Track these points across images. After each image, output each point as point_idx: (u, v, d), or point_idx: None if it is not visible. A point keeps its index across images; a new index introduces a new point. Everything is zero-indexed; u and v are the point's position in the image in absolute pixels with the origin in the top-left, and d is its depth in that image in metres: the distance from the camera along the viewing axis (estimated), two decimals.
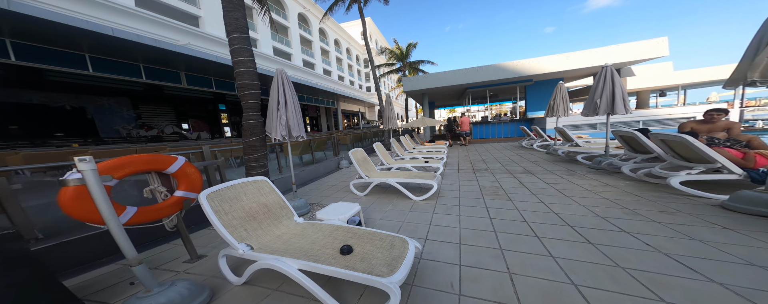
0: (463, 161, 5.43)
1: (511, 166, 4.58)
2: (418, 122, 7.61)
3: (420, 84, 9.83)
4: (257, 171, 2.11)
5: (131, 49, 6.91)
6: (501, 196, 2.89)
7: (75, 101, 11.59)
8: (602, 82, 3.23)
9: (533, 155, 5.62)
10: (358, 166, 3.18)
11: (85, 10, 7.53)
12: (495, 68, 8.96)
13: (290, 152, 2.20)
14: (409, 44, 16.15)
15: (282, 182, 3.66)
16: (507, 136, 10.17)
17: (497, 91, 11.67)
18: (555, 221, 2.05)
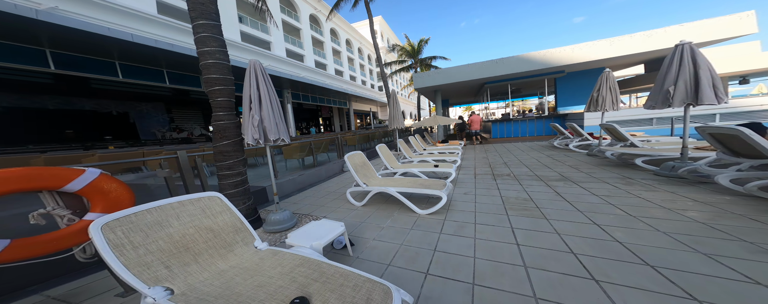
0: (480, 164, 4.78)
1: (542, 171, 3.86)
2: (430, 121, 7.05)
3: (432, 80, 9.20)
4: (231, 180, 1.84)
5: (155, 55, 7.38)
6: (531, 211, 2.29)
7: (120, 107, 13.01)
8: (677, 65, 2.44)
9: (569, 156, 4.76)
10: (354, 172, 2.80)
11: (111, 18, 8.15)
12: (518, 60, 8.00)
13: (269, 156, 1.91)
14: (420, 40, 15.45)
15: (278, 189, 3.42)
16: (533, 134, 9.08)
17: (520, 85, 10.54)
18: (621, 255, 1.45)
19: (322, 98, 19.76)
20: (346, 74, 26.21)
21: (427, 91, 10.70)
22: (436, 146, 6.87)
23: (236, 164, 1.86)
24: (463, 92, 12.34)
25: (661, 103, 2.59)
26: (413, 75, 9.52)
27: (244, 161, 1.95)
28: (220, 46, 1.73)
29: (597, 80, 4.27)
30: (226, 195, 1.87)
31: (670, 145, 3.75)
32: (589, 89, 8.77)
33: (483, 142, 8.78)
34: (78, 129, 11.41)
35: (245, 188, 1.98)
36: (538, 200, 2.60)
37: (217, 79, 1.71)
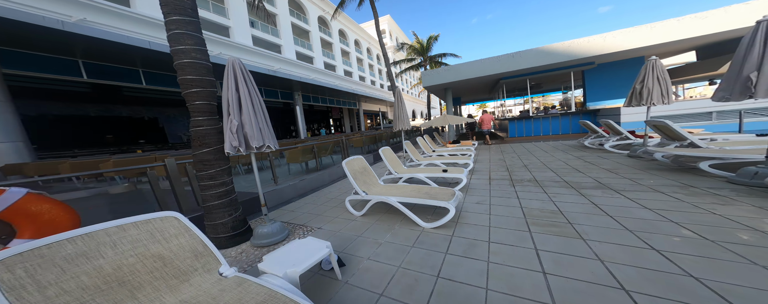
0: (496, 167, 4.33)
1: (572, 175, 3.35)
2: (440, 120, 6.65)
3: (441, 78, 8.73)
4: (214, 191, 1.70)
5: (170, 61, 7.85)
6: (561, 228, 1.90)
7: (150, 113, 14.19)
8: (761, 46, 1.88)
9: (605, 158, 4.14)
10: (353, 179, 2.58)
11: (132, 27, 8.66)
12: (538, 53, 7.28)
13: (254, 164, 1.74)
14: (430, 37, 14.88)
15: (276, 196, 3.33)
16: (557, 133, 8.25)
17: (541, 80, 9.67)
18: (700, 298, 1.06)
19: (332, 99, 19.99)
20: (355, 75, 26.31)
21: (437, 89, 10.23)
22: (447, 147, 6.45)
23: (219, 174, 1.72)
24: (476, 89, 11.64)
25: (738, 93, 2.03)
26: (422, 73, 9.13)
27: (228, 170, 1.81)
28: (197, 44, 1.60)
29: (640, 70, 3.62)
30: (210, 207, 1.75)
31: (746, 144, 3.03)
32: (624, 81, 7.76)
33: (498, 142, 8.14)
34: (117, 134, 12.57)
35: (231, 198, 1.84)
36: (570, 213, 2.18)
37: (194, 80, 1.58)
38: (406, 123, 4.26)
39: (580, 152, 4.92)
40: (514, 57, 7.59)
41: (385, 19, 36.14)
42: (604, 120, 4.66)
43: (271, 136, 1.71)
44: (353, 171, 2.67)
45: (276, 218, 2.71)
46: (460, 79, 8.47)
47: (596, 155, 4.50)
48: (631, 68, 7.61)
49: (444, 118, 6.64)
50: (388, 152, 3.76)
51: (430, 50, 15.34)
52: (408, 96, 36.64)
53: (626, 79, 7.74)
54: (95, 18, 7.48)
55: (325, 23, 22.37)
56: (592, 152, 4.78)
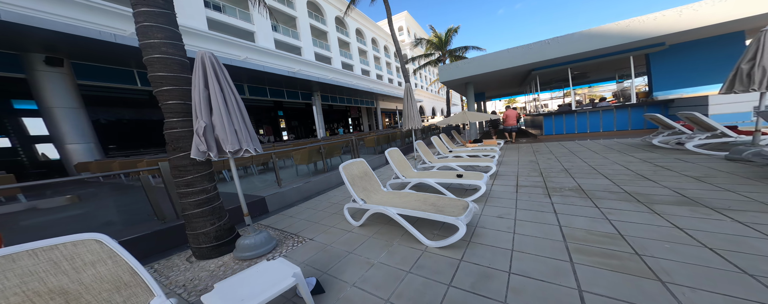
0: (526, 171, 3.63)
1: (636, 184, 2.57)
2: (458, 118, 5.99)
3: (461, 72, 7.93)
4: (192, 199, 1.58)
5: None
6: (623, 261, 1.35)
7: None
8: None
9: (689, 162, 3.17)
10: (350, 185, 2.30)
11: None
12: (584, 37, 6.06)
13: (234, 171, 1.57)
14: (448, 30, 13.79)
15: (279, 199, 3.24)
16: (609, 129, 6.82)
17: (586, 68, 8.15)
18: None
19: (350, 99, 20.21)
20: (372, 73, 26.24)
21: (457, 84, 9.39)
22: (467, 147, 5.79)
23: (198, 180, 1.60)
24: (502, 83, 10.41)
25: None
26: (439, 67, 8.43)
27: (209, 176, 1.69)
28: (170, 37, 1.47)
29: (747, 47, 2.58)
30: (189, 216, 1.64)
31: None
32: (710, 64, 6.01)
33: (531, 140, 7.06)
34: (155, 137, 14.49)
35: (214, 206, 1.72)
36: (638, 238, 1.57)
37: (166, 78, 1.46)
38: (417, 122, 3.83)
39: (647, 152, 3.85)
40: (550, 44, 6.45)
41: (402, 16, 35.23)
42: (686, 113, 3.51)
43: (249, 138, 1.52)
44: (351, 176, 2.40)
45: (273, 224, 2.59)
46: (483, 72, 7.58)
47: (672, 156, 3.45)
48: (721, 48, 5.84)
49: (463, 115, 5.96)
50: (396, 153, 3.40)
51: (450, 44, 14.27)
52: (426, 93, 35.32)
53: (714, 61, 5.96)
54: None
55: (342, 23, 22.69)
56: (665, 152, 3.69)
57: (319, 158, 4.35)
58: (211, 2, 11.52)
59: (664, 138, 3.96)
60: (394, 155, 3.34)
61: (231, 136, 1.39)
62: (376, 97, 22.66)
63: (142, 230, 1.88)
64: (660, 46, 6.13)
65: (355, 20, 24.17)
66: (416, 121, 3.81)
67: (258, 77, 10.65)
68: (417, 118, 3.83)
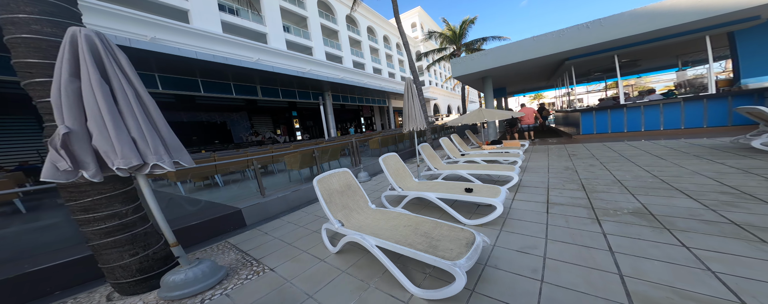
0: (561, 182, 2.82)
1: (745, 209, 1.71)
2: (472, 116, 5.17)
3: (476, 65, 7.00)
4: (97, 226, 1.20)
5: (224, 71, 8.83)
6: None
7: (221, 117, 17.21)
8: None
9: None
10: (325, 204, 1.81)
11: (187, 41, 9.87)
12: (637, 17, 4.86)
13: (144, 189, 1.16)
14: (463, 22, 12.57)
15: (260, 211, 2.86)
16: (673, 127, 5.45)
17: (639, 54, 6.67)
18: None
19: (362, 98, 19.95)
20: (384, 71, 25.70)
21: (472, 79, 8.42)
22: (483, 150, 4.98)
23: (102, 204, 1.20)
24: (527, 76, 9.14)
25: None
26: (451, 61, 7.57)
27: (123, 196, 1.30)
28: (46, 12, 1.06)
29: None
30: (96, 247, 1.26)
31: None
32: None
33: (564, 141, 5.94)
34: (200, 136, 15.67)
35: (135, 233, 1.33)
36: None
37: (37, 65, 1.06)
38: (420, 122, 3.22)
39: (744, 158, 2.77)
40: (589, 28, 5.29)
41: (415, 11, 34.01)
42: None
43: (163, 149, 1.10)
44: (329, 191, 1.91)
45: (240, 244, 2.21)
46: (503, 64, 6.58)
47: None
48: None
49: (479, 113, 5.14)
50: (393, 160, 2.84)
51: (465, 37, 13.07)
52: (441, 90, 33.74)
53: None
54: (163, 35, 8.95)
55: (353, 22, 22.47)
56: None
57: (312, 162, 3.96)
58: (226, 6, 11.92)
59: (764, 139, 2.80)
60: (391, 162, 2.79)
61: (123, 146, 0.97)
62: (388, 95, 22.10)
63: (58, 258, 1.57)
64: (753, 21, 4.62)
65: (366, 18, 23.82)
66: (419, 121, 3.20)
67: (270, 78, 10.78)
68: (420, 118, 3.22)
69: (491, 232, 1.83)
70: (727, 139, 3.88)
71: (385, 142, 6.58)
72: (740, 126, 4.82)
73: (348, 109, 25.72)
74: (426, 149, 3.64)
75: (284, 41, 14.77)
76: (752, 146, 2.89)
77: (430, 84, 33.87)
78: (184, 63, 7.31)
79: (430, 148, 3.74)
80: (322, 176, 1.98)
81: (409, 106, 3.17)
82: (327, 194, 1.87)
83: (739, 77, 5.22)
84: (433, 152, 3.76)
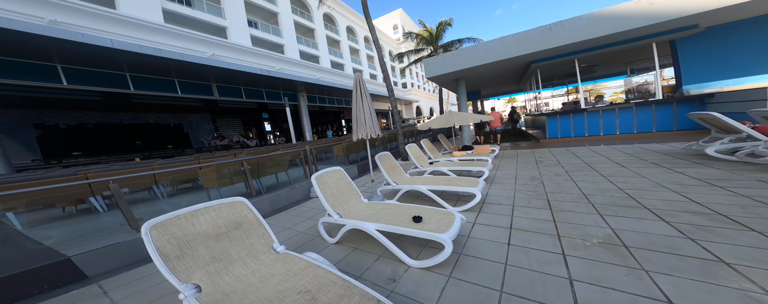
0: (526, 197, 2.50)
1: (729, 237, 1.41)
2: (441, 120, 4.85)
3: (449, 65, 6.79)
4: None
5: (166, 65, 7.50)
6: None
7: (175, 119, 15.12)
8: None
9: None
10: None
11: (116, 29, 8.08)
12: (594, 21, 4.94)
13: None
14: (440, 23, 12.58)
15: (119, 255, 2.00)
16: (628, 131, 5.66)
17: (596, 59, 6.98)
18: None
19: (342, 99, 19.19)
20: (365, 73, 25.20)
21: (446, 80, 8.25)
22: (454, 157, 4.64)
23: None
24: (498, 79, 9.25)
25: None
26: (424, 60, 7.31)
27: None
28: None
29: None
30: None
31: None
32: (754, 50, 4.82)
33: (532, 145, 5.91)
34: (146, 140, 13.49)
35: None
36: None
37: None
38: (372, 127, 2.70)
39: (702, 166, 2.69)
40: (552, 30, 5.30)
41: (396, 14, 34.25)
42: (759, 111, 2.32)
43: None
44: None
45: None
46: (474, 65, 6.43)
47: (748, 176, 2.27)
48: (757, 28, 4.64)
49: (447, 117, 4.82)
50: (334, 177, 2.25)
51: (442, 39, 13.09)
52: (423, 92, 34.19)
53: (759, 45, 4.76)
54: (70, 19, 7.05)
55: (331, 21, 21.72)
56: (733, 168, 2.52)
57: (238, 178, 3.18)
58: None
59: (722, 147, 2.77)
60: (331, 180, 2.21)
61: None
62: (370, 97, 21.59)
63: None
64: (692, 29, 4.94)
65: (345, 17, 23.21)
66: (370, 126, 2.68)
67: (228, 76, 9.59)
68: (372, 124, 2.69)
69: (437, 280, 1.34)
70: (677, 144, 3.97)
71: (351, 148, 5.98)
72: (685, 131, 5.12)
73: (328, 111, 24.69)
74: (385, 160, 3.12)
75: (249, 37, 13.50)
76: (706, 153, 2.85)
77: (411, 86, 34.12)
78: (96, 53, 5.96)
79: (390, 159, 3.23)
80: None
81: (358, 109, 2.63)
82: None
83: (681, 84, 5.61)
84: (394, 163, 3.27)
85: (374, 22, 29.90)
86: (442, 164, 3.98)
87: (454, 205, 2.49)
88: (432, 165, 3.99)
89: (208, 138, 16.06)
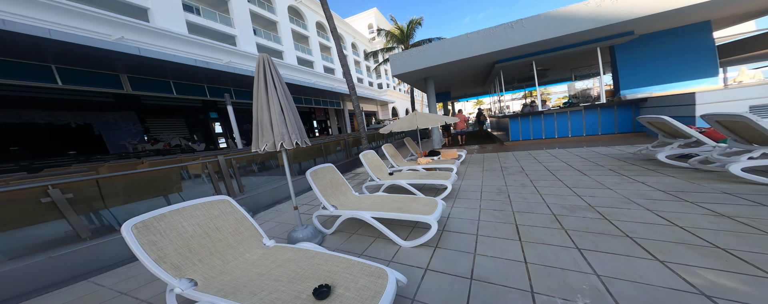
0: (492, 218, 1.99)
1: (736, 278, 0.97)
2: (404, 123, 4.26)
3: (415, 62, 6.35)
4: None
5: (37, 45, 5.42)
6: None
7: (79, 118, 11.68)
8: None
9: (747, 199, 1.78)
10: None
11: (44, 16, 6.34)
12: (551, 20, 4.98)
13: None
14: (411, 21, 12.37)
15: None
16: (578, 134, 5.90)
17: (550, 63, 7.32)
18: None
19: (311, 99, 17.71)
20: (337, 71, 23.93)
21: (414, 79, 7.85)
22: (418, 163, 4.07)
23: None
24: (466, 79, 9.26)
25: None
26: (390, 56, 6.73)
27: None
28: None
29: None
30: None
31: None
32: (677, 59, 5.42)
33: (497, 148, 5.78)
34: (30, 145, 10.05)
35: None
36: None
37: None
38: (287, 134, 1.84)
39: (658, 174, 2.54)
40: (513, 28, 5.21)
41: (371, 12, 33.72)
42: (712, 115, 2.23)
43: None
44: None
45: None
46: (442, 62, 6.09)
47: (710, 186, 2.12)
48: (689, 39, 5.26)
49: (412, 119, 4.25)
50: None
51: (412, 37, 12.87)
52: (399, 93, 34.21)
53: (681, 55, 5.36)
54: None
55: (299, 15, 19.99)
56: (689, 177, 2.39)
57: (46, 215, 1.95)
58: None
59: (672, 153, 2.70)
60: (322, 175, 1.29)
61: None
62: (343, 97, 20.52)
63: None
64: (628, 36, 5.32)
65: (315, 12, 21.68)
66: (283, 133, 1.81)
67: (146, 66, 7.57)
68: (289, 128, 1.84)
69: None
70: (624, 148, 4.05)
71: (306, 155, 4.98)
72: (625, 134, 5.53)
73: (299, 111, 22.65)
74: (322, 176, 2.30)
75: (184, 23, 11.23)
76: (657, 159, 2.76)
77: (387, 87, 33.85)
78: None
79: (331, 173, 2.43)
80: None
81: (260, 106, 1.77)
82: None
83: (619, 89, 6.12)
84: (337, 179, 2.47)
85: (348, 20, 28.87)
86: (403, 175, 3.32)
87: (405, 238, 1.83)
88: (392, 176, 3.32)
89: (134, 142, 13.00)
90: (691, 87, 5.38)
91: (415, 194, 2.73)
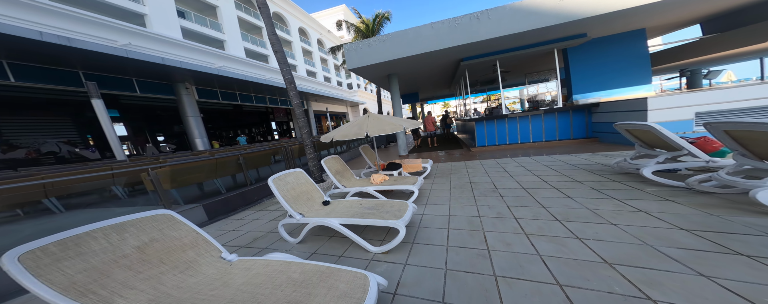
0: (464, 273, 1.03)
1: None
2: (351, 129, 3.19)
3: (375, 54, 5.42)
4: None
5: None
6: None
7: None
8: None
9: None
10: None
11: None
12: (516, 13, 4.60)
13: None
14: (377, 15, 11.50)
15: None
16: (538, 140, 5.76)
17: (513, 64, 7.25)
18: None
19: (266, 98, 15.31)
20: (300, 69, 21.69)
21: (376, 75, 6.93)
22: (372, 182, 3.03)
23: None
24: (432, 78, 8.76)
25: None
26: (345, 47, 5.64)
27: None
28: None
29: None
30: None
31: None
32: (621, 64, 5.66)
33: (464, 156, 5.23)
34: None
35: None
36: None
37: None
38: None
39: (657, 201, 1.96)
40: (479, 19, 4.71)
41: (340, 9, 32.11)
42: (715, 123, 1.78)
43: None
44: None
45: None
46: (404, 55, 5.28)
47: (739, 220, 1.57)
48: (629, 46, 5.53)
49: (361, 124, 3.21)
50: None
51: (380, 33, 12.04)
52: (370, 94, 33.26)
53: (624, 60, 5.62)
54: None
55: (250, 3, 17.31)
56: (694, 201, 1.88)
57: None
58: None
59: (660, 167, 2.28)
60: None
61: None
62: (307, 96, 18.48)
63: None
64: (581, 38, 5.34)
65: (276, 4, 19.25)
66: None
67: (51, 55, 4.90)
68: None
69: None
70: (587, 156, 3.78)
71: (207, 173, 3.45)
72: (580, 140, 5.51)
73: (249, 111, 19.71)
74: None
75: None
76: (643, 175, 2.27)
77: (358, 87, 32.52)
78: None
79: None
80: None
81: None
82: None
83: (571, 93, 6.26)
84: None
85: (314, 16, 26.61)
86: (341, 207, 2.21)
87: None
88: (326, 207, 2.19)
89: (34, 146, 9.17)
90: (630, 93, 5.72)
91: None
